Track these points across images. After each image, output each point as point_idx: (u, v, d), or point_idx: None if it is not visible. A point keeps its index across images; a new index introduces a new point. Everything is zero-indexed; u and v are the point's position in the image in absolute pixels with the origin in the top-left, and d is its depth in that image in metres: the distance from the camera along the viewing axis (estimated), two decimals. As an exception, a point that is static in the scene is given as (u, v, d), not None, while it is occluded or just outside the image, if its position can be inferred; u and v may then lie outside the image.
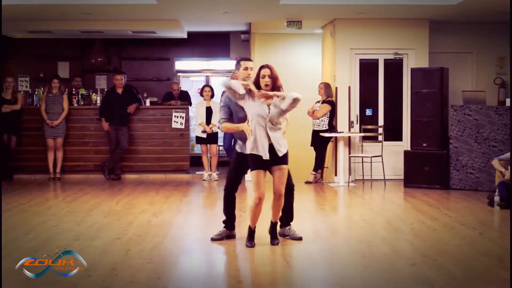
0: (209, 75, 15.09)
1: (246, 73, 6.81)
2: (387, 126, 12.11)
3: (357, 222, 8.10)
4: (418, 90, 11.25)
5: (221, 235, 6.90)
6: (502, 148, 10.43)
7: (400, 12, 11.45)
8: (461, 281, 5.46)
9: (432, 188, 10.89)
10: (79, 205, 9.30)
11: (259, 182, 6.42)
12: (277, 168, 6.45)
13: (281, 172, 6.47)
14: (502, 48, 12.51)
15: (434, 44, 12.24)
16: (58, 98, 12.28)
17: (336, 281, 5.57)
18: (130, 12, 11.78)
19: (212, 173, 12.25)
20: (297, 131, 13.68)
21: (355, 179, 12.06)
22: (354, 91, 12.16)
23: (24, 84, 14.56)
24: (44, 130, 12.25)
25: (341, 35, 12.09)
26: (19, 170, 12.52)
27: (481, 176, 10.68)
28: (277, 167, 6.45)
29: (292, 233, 6.95)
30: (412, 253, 6.46)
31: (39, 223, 7.79)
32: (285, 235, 6.96)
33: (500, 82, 12.65)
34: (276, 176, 6.49)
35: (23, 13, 11.51)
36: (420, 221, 8.09)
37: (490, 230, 7.92)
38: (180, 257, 6.38)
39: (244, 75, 6.82)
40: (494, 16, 11.61)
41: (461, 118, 10.81)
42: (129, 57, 15.64)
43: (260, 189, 6.42)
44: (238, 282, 5.51)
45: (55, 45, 15.34)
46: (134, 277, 5.48)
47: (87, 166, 12.74)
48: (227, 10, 11.53)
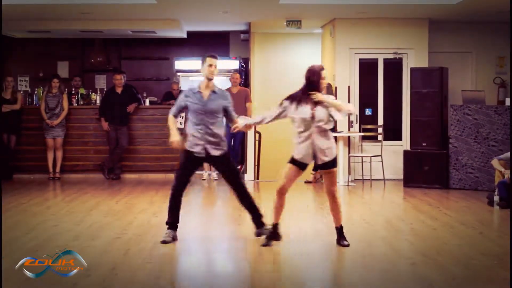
0: (208, 75, 15.07)
1: (210, 70, 6.76)
2: (387, 126, 12.12)
3: (357, 222, 8.09)
4: (417, 90, 11.25)
5: (169, 236, 6.77)
6: (501, 147, 10.43)
7: (400, 11, 11.45)
8: (461, 281, 5.46)
9: (432, 188, 10.89)
10: (78, 204, 9.29)
11: (285, 175, 6.45)
12: (325, 172, 6.49)
13: (330, 175, 6.48)
14: (502, 47, 12.51)
15: (433, 43, 12.24)
16: (58, 98, 12.27)
17: (336, 281, 5.57)
18: (130, 11, 11.78)
19: (211, 173, 12.24)
20: (296, 131, 13.71)
21: (355, 179, 12.07)
22: (354, 91, 12.16)
23: (23, 83, 14.56)
24: (44, 129, 12.24)
25: (341, 35, 12.09)
26: (18, 170, 12.51)
27: (481, 175, 10.69)
28: (325, 171, 6.48)
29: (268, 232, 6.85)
30: (412, 252, 6.46)
31: (38, 223, 7.79)
32: (262, 234, 6.88)
33: (500, 81, 12.65)
34: (324, 178, 6.57)
35: (23, 12, 11.51)
36: (420, 220, 8.09)
37: (489, 229, 7.92)
38: (180, 257, 6.38)
39: (208, 71, 6.76)
40: (494, 15, 11.61)
41: (460, 118, 10.81)
42: (128, 57, 15.64)
43: (282, 180, 6.46)
44: (237, 282, 5.52)
45: (54, 45, 15.33)
46: (133, 277, 5.48)
47: (86, 166, 12.74)
48: (227, 9, 11.54)
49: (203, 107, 6.74)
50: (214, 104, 6.78)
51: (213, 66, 6.77)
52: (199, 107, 6.74)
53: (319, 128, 6.35)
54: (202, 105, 6.74)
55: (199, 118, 6.74)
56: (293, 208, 9.23)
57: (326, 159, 6.37)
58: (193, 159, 6.80)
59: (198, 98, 6.77)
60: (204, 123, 6.73)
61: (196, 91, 6.82)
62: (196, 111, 6.75)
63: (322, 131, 6.37)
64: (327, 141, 6.40)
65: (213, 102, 6.78)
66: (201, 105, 6.74)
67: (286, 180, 6.47)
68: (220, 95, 6.86)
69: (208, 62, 6.76)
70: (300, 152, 6.40)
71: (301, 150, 6.39)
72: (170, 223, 6.88)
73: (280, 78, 14.13)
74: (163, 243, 6.65)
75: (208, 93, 6.79)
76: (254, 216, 7.00)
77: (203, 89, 6.81)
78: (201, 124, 6.73)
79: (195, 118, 6.76)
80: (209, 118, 6.74)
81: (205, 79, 6.82)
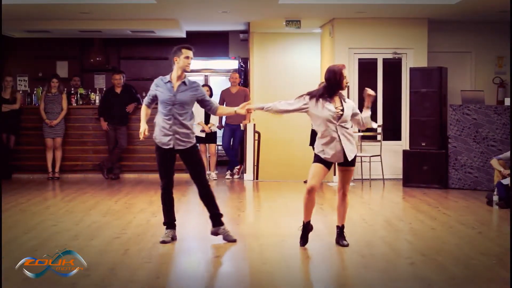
0: (208, 75, 15.09)
1: (186, 62, 6.67)
2: (386, 126, 12.11)
3: (356, 222, 8.09)
4: (416, 90, 11.26)
5: (168, 236, 6.76)
6: (501, 147, 10.43)
7: (399, 11, 11.45)
8: (460, 281, 5.46)
9: (431, 188, 10.89)
10: (77, 204, 9.29)
11: (314, 174, 6.50)
12: (344, 169, 6.59)
13: (348, 173, 6.60)
14: (501, 47, 12.52)
15: (433, 43, 12.24)
16: (57, 98, 12.27)
17: (335, 281, 5.57)
18: (129, 11, 11.77)
19: (211, 173, 12.24)
20: (295, 131, 13.73)
21: (354, 178, 12.05)
22: (353, 91, 12.16)
23: (22, 83, 14.55)
24: (43, 129, 12.24)
25: (340, 35, 12.10)
26: (18, 170, 12.51)
27: (480, 175, 10.69)
28: (344, 168, 6.58)
29: (226, 234, 6.87)
30: (411, 252, 6.46)
31: (37, 223, 7.79)
32: (218, 234, 6.87)
33: (499, 81, 12.65)
34: (341, 176, 6.66)
35: (22, 12, 11.50)
36: (419, 220, 8.09)
37: (489, 229, 7.92)
38: (179, 257, 6.38)
39: (184, 63, 6.67)
40: (493, 15, 11.61)
41: (460, 118, 10.81)
42: (128, 57, 15.64)
43: (312, 180, 6.48)
44: (236, 282, 5.52)
45: (53, 45, 15.32)
46: (133, 277, 5.48)
47: (86, 166, 12.73)
48: (226, 9, 11.53)
49: (173, 97, 6.65)
50: (184, 95, 6.68)
51: (190, 58, 6.70)
52: (169, 98, 6.65)
53: (343, 128, 6.42)
54: (172, 95, 6.66)
55: (168, 109, 6.65)
56: (292, 208, 9.24)
57: (352, 157, 6.50)
58: (165, 152, 6.70)
59: (168, 88, 6.69)
60: (173, 114, 6.64)
61: (167, 81, 6.73)
62: (166, 102, 6.66)
63: (346, 130, 6.47)
64: (352, 140, 6.54)
65: (183, 93, 6.68)
66: (171, 95, 6.66)
67: (316, 179, 6.50)
68: (190, 87, 6.75)
69: (184, 54, 6.67)
70: (328, 152, 6.45)
71: (329, 151, 6.45)
72: (167, 223, 6.87)
73: (279, 78, 14.14)
74: (162, 243, 6.65)
75: (178, 84, 6.71)
76: (213, 215, 6.91)
77: (174, 80, 6.73)
78: (169, 115, 6.65)
79: (164, 109, 6.67)
80: (178, 110, 6.64)
81: (179, 70, 6.71)
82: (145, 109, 6.92)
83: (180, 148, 6.71)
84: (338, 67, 6.53)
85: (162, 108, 6.71)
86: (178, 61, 6.71)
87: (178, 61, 6.71)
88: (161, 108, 6.72)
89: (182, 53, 6.69)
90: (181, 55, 6.69)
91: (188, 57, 6.69)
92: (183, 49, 6.71)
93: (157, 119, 6.78)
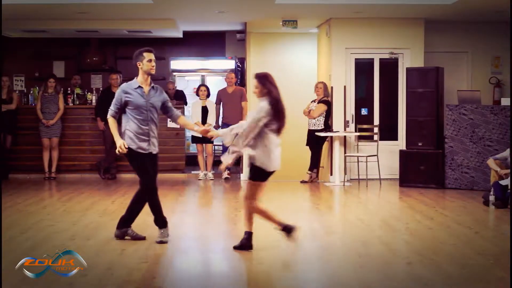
0: (204, 75, 15.08)
1: (150, 65, 6.63)
2: (383, 126, 12.12)
3: (352, 222, 8.10)
4: (413, 90, 11.27)
5: (164, 236, 6.74)
6: (497, 147, 10.45)
7: (396, 11, 11.46)
8: (457, 280, 5.47)
9: (428, 188, 10.90)
10: (74, 204, 9.28)
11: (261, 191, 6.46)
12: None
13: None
14: (497, 47, 12.55)
15: (429, 43, 12.25)
16: (53, 98, 12.26)
17: (331, 281, 5.57)
18: (126, 11, 11.76)
19: (207, 173, 12.24)
20: (292, 131, 13.69)
21: (351, 178, 12.08)
22: (350, 91, 12.17)
23: (19, 83, 14.52)
24: (40, 129, 12.23)
25: (337, 35, 12.10)
26: (14, 170, 12.50)
27: (476, 175, 10.70)
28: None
29: (134, 234, 6.85)
30: (408, 252, 6.47)
31: (34, 223, 7.78)
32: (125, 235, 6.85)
33: (495, 81, 12.67)
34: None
35: (19, 12, 11.48)
36: (416, 220, 8.10)
37: (485, 229, 7.93)
38: (176, 257, 6.37)
39: (148, 67, 6.62)
40: (490, 15, 11.63)
41: (456, 118, 10.83)
42: (124, 57, 15.58)
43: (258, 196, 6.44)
44: (234, 282, 5.52)
45: (50, 45, 15.30)
46: (129, 277, 5.48)
47: (82, 166, 12.73)
48: (223, 9, 11.53)
49: (148, 102, 6.62)
50: (155, 100, 6.69)
51: (153, 61, 6.66)
52: (144, 102, 6.61)
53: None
54: (146, 100, 6.63)
55: (144, 114, 6.61)
56: (289, 207, 9.25)
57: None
58: (145, 156, 6.66)
59: (140, 94, 6.64)
60: (148, 119, 6.62)
61: (136, 86, 6.66)
62: (141, 107, 6.60)
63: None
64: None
65: (154, 98, 6.68)
66: (145, 100, 6.62)
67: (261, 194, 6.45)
68: (158, 91, 6.77)
69: (147, 57, 6.63)
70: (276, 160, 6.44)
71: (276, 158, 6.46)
72: (159, 224, 6.81)
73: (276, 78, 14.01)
74: (160, 243, 6.64)
75: (148, 89, 6.68)
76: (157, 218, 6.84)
77: (144, 85, 6.68)
78: (146, 120, 6.62)
79: (140, 114, 6.61)
80: (152, 114, 6.64)
81: (144, 74, 6.66)
82: (114, 121, 6.72)
83: (154, 152, 6.73)
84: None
85: (136, 114, 6.62)
86: (142, 66, 6.66)
87: (142, 65, 6.65)
88: (135, 114, 6.63)
89: (144, 57, 6.64)
90: (144, 59, 6.64)
91: (151, 60, 6.64)
92: (144, 52, 6.65)
93: (128, 127, 6.67)
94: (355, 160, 11.90)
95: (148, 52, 6.66)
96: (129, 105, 6.64)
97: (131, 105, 6.63)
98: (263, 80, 6.45)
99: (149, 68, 6.64)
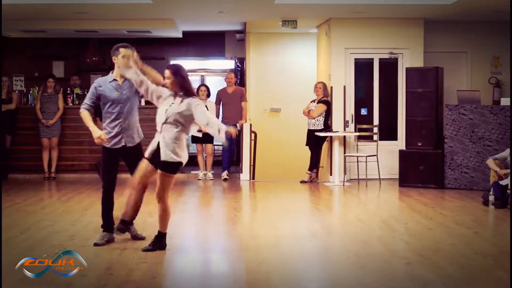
0: (204, 75, 15.07)
1: (124, 61, 6.52)
2: (382, 126, 12.12)
3: (352, 222, 8.11)
4: (413, 90, 11.27)
5: (103, 239, 6.61)
6: (496, 147, 10.45)
7: (395, 11, 11.46)
8: (456, 280, 5.47)
9: (427, 188, 10.90)
10: (74, 204, 9.28)
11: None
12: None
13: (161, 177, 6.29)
14: (497, 47, 12.55)
15: (429, 43, 12.25)
16: (53, 98, 12.26)
17: (331, 281, 5.57)
18: (125, 11, 11.76)
19: (207, 173, 12.24)
20: (292, 131, 13.73)
21: (350, 178, 12.07)
22: (349, 91, 12.17)
23: (18, 83, 14.51)
24: (39, 129, 12.22)
25: (336, 35, 12.10)
26: (13, 170, 12.49)
27: (476, 175, 10.70)
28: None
29: (134, 232, 6.78)
30: (407, 252, 6.46)
31: (34, 223, 7.78)
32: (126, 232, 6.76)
33: (495, 81, 12.67)
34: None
35: (18, 12, 11.47)
36: (415, 220, 8.10)
37: (484, 229, 7.93)
38: (175, 257, 6.36)
39: (121, 63, 6.54)
40: (489, 15, 11.63)
41: (456, 118, 10.83)
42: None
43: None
44: (233, 281, 5.52)
45: (50, 45, 15.30)
46: (129, 277, 5.47)
47: (82, 166, 12.72)
48: (222, 9, 11.53)
49: (121, 94, 6.55)
50: (130, 92, 6.58)
51: (126, 57, 6.55)
52: (117, 95, 6.55)
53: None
54: (120, 92, 6.56)
55: (117, 108, 6.55)
56: (288, 208, 9.25)
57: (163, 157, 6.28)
58: (113, 152, 6.62)
59: (114, 87, 6.58)
60: (122, 112, 6.55)
61: (111, 80, 6.61)
62: (114, 100, 6.54)
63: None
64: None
65: (129, 89, 6.58)
66: (119, 93, 6.55)
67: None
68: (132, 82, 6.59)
69: (122, 53, 6.56)
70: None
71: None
72: (105, 226, 6.69)
73: (276, 78, 14.13)
74: (94, 245, 6.49)
75: (122, 81, 6.59)
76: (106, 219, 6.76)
77: (118, 78, 6.61)
78: (120, 113, 6.55)
79: (113, 108, 6.56)
80: (126, 107, 6.56)
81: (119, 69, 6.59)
82: (88, 114, 6.60)
83: (129, 145, 6.65)
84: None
85: (110, 108, 6.57)
86: (117, 61, 6.61)
87: (117, 60, 6.61)
88: (109, 108, 6.57)
89: (119, 53, 6.58)
90: (119, 55, 6.58)
91: (125, 56, 6.56)
92: (120, 48, 6.60)
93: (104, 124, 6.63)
94: (355, 160, 11.90)
95: (124, 48, 6.59)
96: (102, 99, 6.59)
97: (105, 99, 6.58)
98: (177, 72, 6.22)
99: (124, 64, 6.54)
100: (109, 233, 6.67)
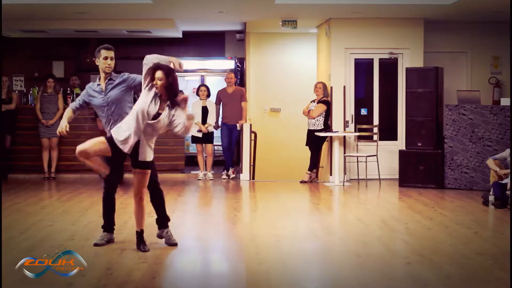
0: (204, 75, 15.07)
1: (105, 63, 6.45)
2: (382, 126, 12.12)
3: (352, 222, 8.10)
4: (413, 90, 11.27)
5: (103, 239, 6.58)
6: (496, 147, 10.45)
7: (395, 11, 11.46)
8: (456, 280, 5.47)
9: (427, 188, 10.90)
10: (74, 204, 9.28)
11: None
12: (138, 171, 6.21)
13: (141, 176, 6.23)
14: (497, 47, 12.55)
15: (429, 43, 12.25)
16: (53, 98, 12.26)
17: (331, 280, 5.57)
18: (125, 11, 11.77)
19: (207, 173, 12.24)
20: (292, 131, 13.73)
21: (350, 178, 12.07)
22: (349, 91, 12.17)
23: (18, 83, 14.51)
24: (39, 129, 12.22)
25: (336, 35, 12.10)
26: (13, 170, 12.50)
27: (476, 175, 10.70)
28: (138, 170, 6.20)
29: (168, 237, 6.63)
30: (407, 252, 6.46)
31: (33, 223, 7.78)
32: (161, 237, 6.67)
33: (495, 81, 12.67)
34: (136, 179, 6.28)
35: (18, 12, 11.48)
36: (415, 220, 8.10)
37: (484, 229, 7.93)
38: (175, 257, 6.37)
39: (103, 65, 6.46)
40: (489, 15, 11.63)
41: (456, 118, 10.83)
42: (124, 57, 15.56)
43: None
44: (233, 281, 5.52)
45: (50, 45, 15.31)
46: (129, 277, 5.47)
47: (82, 166, 12.59)
48: (222, 9, 11.53)
49: (105, 98, 6.46)
50: (114, 92, 6.47)
51: (109, 58, 6.47)
52: (101, 100, 6.48)
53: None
54: (103, 96, 6.47)
55: (106, 112, 6.49)
56: (288, 207, 9.25)
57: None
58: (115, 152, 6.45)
59: (98, 92, 6.52)
60: (111, 115, 6.47)
61: (96, 85, 6.55)
62: (100, 105, 6.50)
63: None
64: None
65: (113, 91, 6.47)
66: (103, 97, 6.47)
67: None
68: (119, 81, 6.51)
69: (103, 55, 6.46)
70: None
71: None
72: (105, 226, 6.67)
73: (276, 78, 14.14)
74: (94, 245, 6.48)
75: (106, 83, 6.50)
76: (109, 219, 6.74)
77: (102, 81, 6.53)
78: (109, 117, 6.49)
79: (102, 112, 6.51)
80: (113, 109, 6.45)
81: (101, 72, 6.51)
82: (70, 111, 6.62)
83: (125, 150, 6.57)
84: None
85: (100, 113, 6.57)
86: (99, 63, 6.53)
87: (98, 62, 6.52)
88: (100, 114, 6.58)
89: (101, 54, 6.49)
90: (100, 57, 6.49)
91: (107, 57, 6.47)
92: (102, 49, 6.50)
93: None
94: (355, 160, 11.90)
95: (106, 50, 6.49)
96: (92, 104, 6.60)
97: (92, 104, 6.58)
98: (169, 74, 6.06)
99: (105, 66, 6.47)
100: (109, 233, 6.67)
